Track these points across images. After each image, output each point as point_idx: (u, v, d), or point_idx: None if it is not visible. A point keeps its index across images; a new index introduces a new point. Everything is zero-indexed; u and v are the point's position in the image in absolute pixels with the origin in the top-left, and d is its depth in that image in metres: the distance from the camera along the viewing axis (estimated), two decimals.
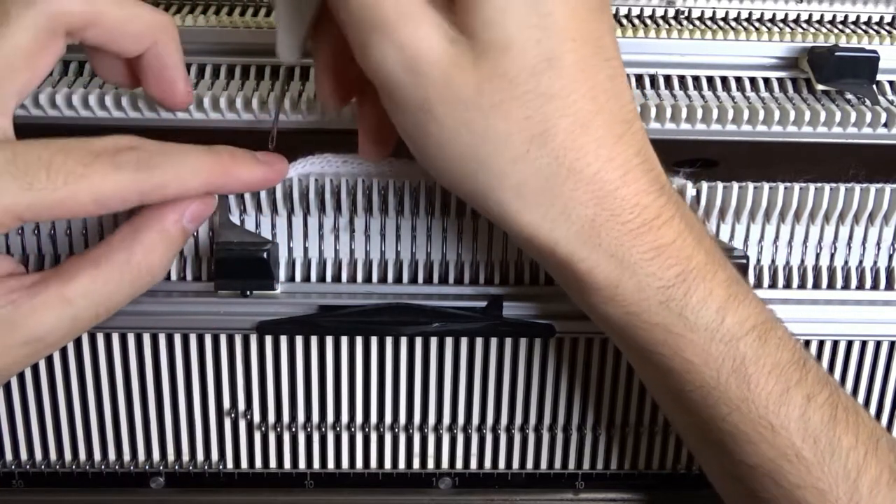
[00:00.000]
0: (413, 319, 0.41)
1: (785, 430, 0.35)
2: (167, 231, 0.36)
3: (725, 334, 0.35)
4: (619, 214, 0.33)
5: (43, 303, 0.33)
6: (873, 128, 0.42)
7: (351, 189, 0.40)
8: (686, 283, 0.34)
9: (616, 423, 0.46)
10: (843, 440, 0.36)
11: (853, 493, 0.36)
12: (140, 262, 0.35)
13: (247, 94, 0.41)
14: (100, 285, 0.34)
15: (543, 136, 0.32)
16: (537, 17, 0.31)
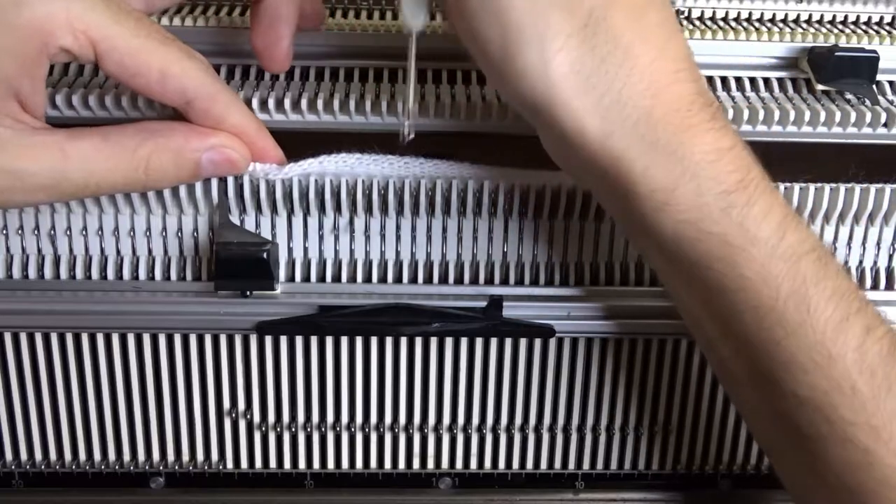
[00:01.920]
0: (413, 320, 0.41)
1: (842, 360, 0.33)
2: (183, 150, 0.36)
3: (786, 251, 0.33)
4: (677, 109, 0.32)
5: (42, 142, 0.34)
6: (873, 128, 0.42)
7: (351, 189, 0.40)
8: (748, 192, 0.32)
9: (616, 423, 0.46)
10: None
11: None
12: (143, 159, 0.35)
13: (247, 94, 0.41)
14: (100, 158, 0.34)
15: (603, 10, 0.31)
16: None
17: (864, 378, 0.33)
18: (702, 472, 0.47)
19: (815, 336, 0.33)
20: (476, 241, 0.42)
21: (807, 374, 0.34)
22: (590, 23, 0.31)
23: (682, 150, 0.32)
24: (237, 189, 0.40)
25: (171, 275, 0.42)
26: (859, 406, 0.34)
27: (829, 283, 0.33)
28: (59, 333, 0.42)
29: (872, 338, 0.34)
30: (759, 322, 0.34)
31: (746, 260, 0.33)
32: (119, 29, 0.33)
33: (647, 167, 0.32)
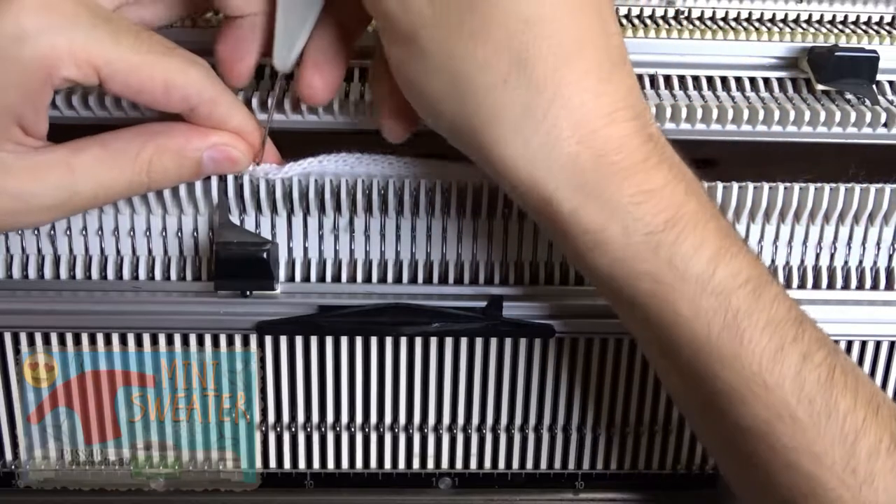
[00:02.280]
0: (413, 319, 0.41)
1: (779, 389, 0.34)
2: (184, 150, 0.36)
3: (717, 286, 0.33)
4: (604, 154, 0.32)
5: (47, 162, 0.34)
6: (873, 128, 0.42)
7: (351, 189, 0.40)
8: (676, 230, 0.33)
9: (616, 423, 0.46)
10: (840, 402, 0.34)
11: (850, 457, 0.34)
12: (145, 162, 0.35)
13: (247, 94, 0.41)
14: (105, 167, 0.35)
15: (524, 62, 0.31)
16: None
17: (802, 406, 0.34)
18: (702, 472, 0.47)
19: (750, 367, 0.34)
20: (476, 241, 0.42)
21: (746, 404, 0.34)
22: (511, 76, 0.31)
23: (608, 194, 0.32)
24: (237, 189, 0.40)
25: (171, 275, 0.42)
26: (800, 433, 0.34)
27: (762, 315, 0.34)
28: (59, 333, 0.42)
29: (810, 365, 0.34)
30: (696, 355, 0.34)
31: (677, 296, 0.33)
32: (120, 50, 0.33)
33: (575, 209, 0.33)
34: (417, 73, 0.33)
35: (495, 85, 0.31)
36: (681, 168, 0.34)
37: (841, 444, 0.34)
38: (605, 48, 0.32)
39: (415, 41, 0.32)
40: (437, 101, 0.33)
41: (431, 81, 0.32)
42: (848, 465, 0.34)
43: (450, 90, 0.32)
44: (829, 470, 0.34)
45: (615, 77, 0.32)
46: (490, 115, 0.32)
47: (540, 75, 0.31)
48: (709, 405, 0.36)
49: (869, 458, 0.34)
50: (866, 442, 0.34)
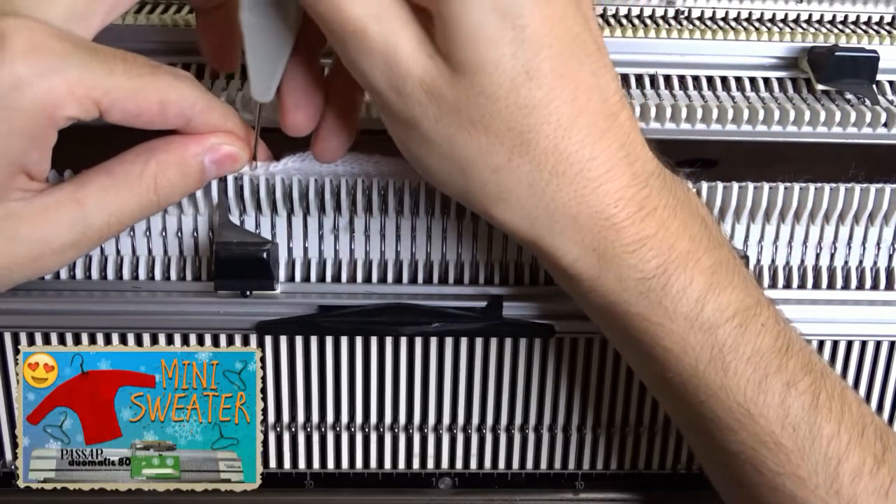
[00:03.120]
0: (413, 319, 0.41)
1: (763, 419, 0.35)
2: (185, 159, 0.36)
3: (704, 323, 0.35)
4: (601, 210, 0.33)
5: (56, 202, 0.34)
6: (873, 128, 0.42)
7: (351, 189, 0.40)
8: (666, 274, 0.34)
9: (616, 423, 0.46)
10: (824, 428, 0.35)
11: (833, 480, 0.35)
12: (151, 180, 0.35)
13: (246, 94, 0.41)
14: (112, 194, 0.35)
15: (525, 145, 0.32)
16: (511, 32, 0.30)
17: (786, 433, 0.35)
18: (702, 472, 0.47)
19: (735, 398, 0.35)
20: (476, 241, 0.42)
21: (732, 432, 0.36)
22: (513, 156, 0.32)
23: (605, 246, 0.34)
24: (237, 189, 0.40)
25: (171, 275, 0.42)
26: (784, 459, 0.36)
27: (748, 347, 0.35)
28: (58, 333, 0.42)
29: (794, 393, 0.35)
30: (684, 385, 0.36)
31: (666, 333, 0.35)
32: (115, 79, 0.33)
33: (574, 261, 0.34)
34: (420, 154, 0.34)
35: (499, 166, 0.33)
36: (675, 203, 0.35)
37: (824, 467, 0.35)
38: (602, 108, 0.33)
39: (416, 128, 0.33)
40: (443, 180, 0.34)
41: (435, 163, 0.34)
42: (831, 487, 0.35)
43: (453, 171, 0.33)
44: (812, 493, 0.36)
45: (610, 133, 0.33)
46: (495, 193, 0.33)
47: (541, 153, 0.32)
48: (700, 430, 0.37)
49: (852, 480, 0.35)
50: (849, 465, 0.35)
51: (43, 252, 0.34)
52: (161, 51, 0.43)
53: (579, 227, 0.34)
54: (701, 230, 0.35)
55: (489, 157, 0.32)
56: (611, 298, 0.35)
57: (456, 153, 0.33)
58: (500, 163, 0.32)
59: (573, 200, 0.33)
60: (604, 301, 0.35)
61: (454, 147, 0.32)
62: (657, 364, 0.36)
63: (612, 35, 0.45)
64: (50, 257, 0.35)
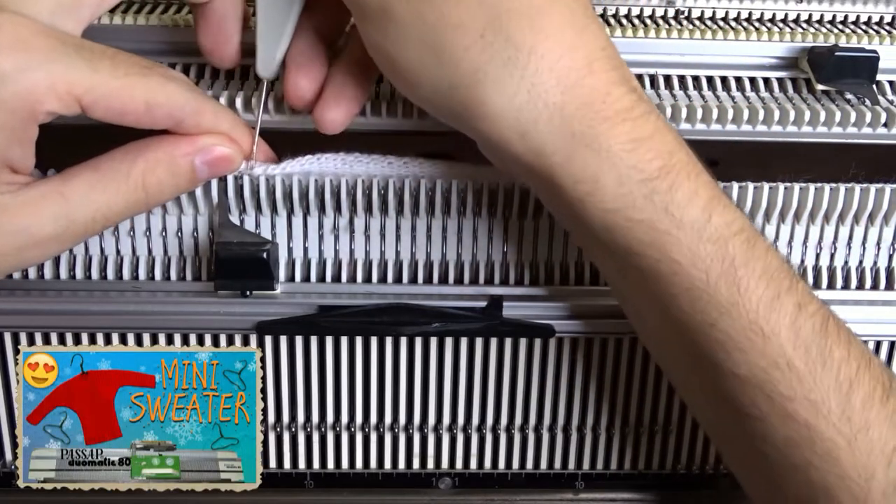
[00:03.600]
0: (413, 319, 0.41)
1: (776, 337, 0.34)
2: (175, 158, 0.36)
3: (713, 233, 0.33)
4: (590, 103, 0.32)
5: (41, 195, 0.34)
6: (873, 128, 0.42)
7: (351, 189, 0.40)
8: (670, 177, 0.33)
9: (616, 422, 0.46)
10: (834, 351, 0.34)
11: (845, 405, 0.34)
12: (138, 177, 0.35)
13: (247, 94, 0.41)
14: (98, 190, 0.35)
15: (498, 19, 0.32)
16: None
17: (798, 354, 0.34)
18: (702, 472, 0.47)
19: (748, 315, 0.34)
20: (476, 241, 0.42)
21: (743, 352, 0.34)
22: (486, 32, 0.32)
23: (599, 142, 0.33)
24: (237, 189, 0.40)
25: (171, 275, 0.42)
26: (796, 381, 0.34)
27: (758, 264, 0.34)
28: (59, 333, 0.42)
29: (805, 314, 0.34)
30: (692, 304, 0.34)
31: (674, 244, 0.33)
32: (98, 77, 0.33)
33: (565, 160, 0.33)
34: (393, 45, 0.33)
35: (473, 43, 0.32)
36: (666, 122, 0.34)
37: (836, 392, 0.34)
38: (575, 2, 0.33)
39: (386, 14, 0.32)
40: (416, 70, 0.33)
41: (408, 51, 0.33)
42: (843, 413, 0.34)
43: (427, 56, 0.33)
44: (825, 419, 0.34)
45: (588, 30, 0.33)
46: (470, 73, 0.32)
47: (516, 30, 0.32)
48: (705, 358, 0.36)
49: (863, 406, 0.34)
50: (861, 391, 0.34)
51: (26, 243, 0.34)
52: (160, 51, 0.43)
53: (568, 119, 0.32)
54: (690, 151, 0.35)
55: (461, 34, 0.32)
56: (611, 206, 0.33)
57: (428, 33, 0.32)
58: (472, 39, 0.32)
59: (556, 88, 0.32)
60: (602, 210, 0.33)
61: (426, 26, 0.32)
62: (663, 283, 0.34)
63: (612, 35, 0.45)
64: (33, 249, 0.34)
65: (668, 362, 0.40)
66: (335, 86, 0.38)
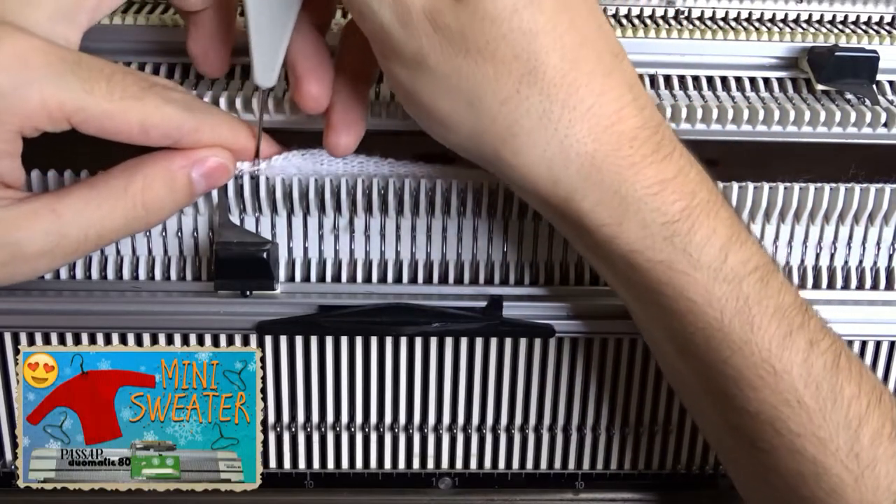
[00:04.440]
0: (413, 319, 0.41)
1: (787, 375, 0.35)
2: (171, 172, 0.36)
3: (728, 273, 0.34)
4: (618, 149, 0.33)
5: (32, 210, 0.34)
6: (873, 128, 0.42)
7: (351, 189, 0.40)
8: (690, 219, 0.34)
9: (616, 423, 0.46)
10: (845, 388, 0.35)
11: (854, 442, 0.35)
12: (136, 194, 0.35)
13: (247, 94, 0.41)
14: (92, 207, 0.34)
15: (532, 73, 0.32)
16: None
17: (809, 391, 0.35)
18: (702, 472, 0.47)
19: (760, 353, 0.35)
20: (476, 241, 0.42)
21: (755, 389, 0.35)
22: (521, 87, 0.32)
23: (626, 188, 0.33)
24: (237, 189, 0.40)
25: (171, 275, 0.42)
26: (806, 418, 0.35)
27: (771, 301, 0.35)
28: (59, 333, 0.42)
29: (816, 351, 0.35)
30: (707, 342, 0.35)
31: (691, 284, 0.34)
32: (92, 98, 0.33)
33: (594, 205, 0.34)
34: (427, 93, 0.33)
35: (509, 97, 0.32)
36: (689, 155, 0.35)
37: (845, 429, 0.35)
38: (603, 43, 0.33)
39: (421, 64, 0.32)
40: (448, 119, 0.33)
41: (441, 100, 0.33)
42: (852, 450, 0.35)
43: (461, 107, 0.33)
44: (832, 455, 0.35)
45: (616, 71, 0.33)
46: (506, 126, 0.33)
47: (550, 82, 0.32)
48: (716, 391, 0.36)
49: (872, 443, 0.35)
50: (869, 428, 0.35)
51: (14, 257, 0.34)
52: (155, 51, 0.43)
53: (598, 167, 0.33)
54: (715, 188, 0.35)
55: (497, 88, 0.32)
56: (633, 247, 0.34)
57: (463, 85, 0.32)
58: (508, 93, 0.32)
59: (588, 137, 0.33)
60: (625, 251, 0.34)
61: (461, 78, 0.32)
62: (678, 320, 0.35)
63: None
64: (21, 264, 0.34)
65: (682, 389, 0.41)
66: (341, 110, 0.38)
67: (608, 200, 0.33)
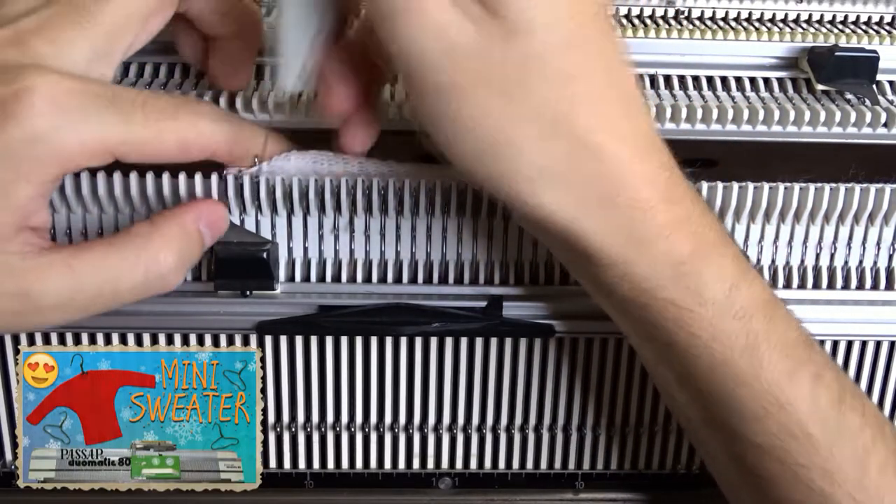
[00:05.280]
0: (413, 319, 0.41)
1: (793, 408, 0.35)
2: (186, 227, 0.36)
3: (739, 310, 0.34)
4: (636, 192, 0.33)
5: (49, 262, 0.34)
6: (873, 128, 0.42)
7: (351, 189, 0.40)
8: (699, 259, 0.34)
9: (616, 423, 0.46)
10: (851, 421, 0.35)
11: (862, 475, 0.35)
12: (155, 253, 0.35)
13: (247, 94, 0.41)
14: (109, 264, 0.34)
15: (564, 117, 0.32)
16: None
17: (815, 425, 0.35)
18: (701, 472, 0.47)
19: (766, 387, 0.35)
20: (476, 241, 0.42)
21: (759, 421, 0.35)
22: (556, 129, 0.32)
23: (640, 232, 0.33)
24: (237, 189, 0.40)
25: None
26: (813, 451, 0.35)
27: (778, 337, 0.35)
28: (59, 333, 0.42)
29: (822, 385, 0.35)
30: (711, 376, 0.35)
31: (695, 320, 0.35)
32: (131, 129, 0.33)
33: (607, 246, 0.34)
34: (456, 125, 0.33)
35: (540, 139, 0.32)
36: (693, 192, 0.35)
37: (852, 461, 0.35)
38: (628, 86, 0.34)
39: (459, 94, 0.32)
40: (472, 158, 0.33)
41: (467, 139, 0.33)
42: (860, 482, 0.35)
43: (486, 147, 0.33)
44: (840, 487, 0.35)
45: (637, 113, 0.34)
46: (529, 170, 0.33)
47: (580, 130, 0.32)
48: (721, 422, 0.37)
49: (879, 474, 0.35)
50: (876, 459, 0.35)
51: (25, 308, 0.34)
52: (160, 51, 0.43)
53: (616, 209, 0.33)
54: (719, 222, 0.36)
55: (526, 129, 0.32)
56: (643, 286, 0.34)
57: (491, 124, 0.32)
58: (543, 134, 0.32)
59: (609, 181, 0.33)
60: (634, 289, 0.35)
61: (498, 114, 0.32)
62: (681, 353, 0.35)
63: None
64: (34, 315, 0.34)
65: (684, 419, 0.41)
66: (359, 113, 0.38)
67: (622, 241, 0.34)
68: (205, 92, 0.42)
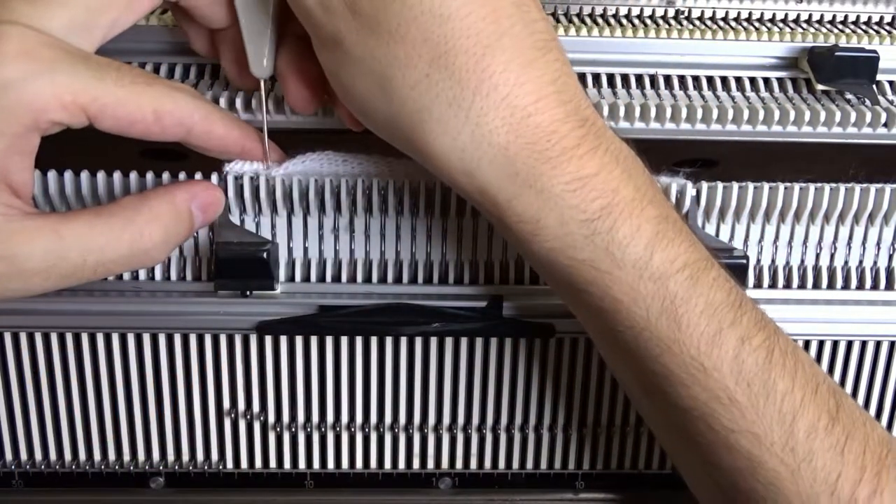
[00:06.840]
0: (413, 319, 0.41)
1: (717, 372, 0.34)
2: (176, 205, 0.36)
3: (654, 272, 0.34)
4: (534, 142, 0.32)
5: (35, 227, 0.33)
6: (873, 128, 0.42)
7: (351, 189, 0.40)
8: (612, 217, 0.33)
9: (616, 423, 0.46)
10: (778, 383, 0.35)
11: (788, 437, 0.35)
12: (142, 227, 0.35)
13: (247, 95, 0.41)
14: (95, 233, 0.34)
15: (443, 57, 0.32)
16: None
17: (740, 388, 0.34)
18: None
19: (689, 351, 0.34)
20: (476, 241, 0.42)
21: (685, 387, 0.35)
22: (431, 71, 0.32)
23: (542, 183, 0.33)
24: (237, 189, 0.40)
25: (171, 275, 0.42)
26: (738, 415, 0.35)
27: (700, 300, 0.34)
28: (59, 333, 0.42)
29: (748, 348, 0.35)
30: (635, 340, 0.35)
31: (615, 283, 0.34)
32: (105, 85, 0.33)
33: (509, 200, 0.33)
34: (345, 74, 0.34)
35: (418, 81, 0.32)
36: (618, 151, 0.34)
37: (779, 424, 0.35)
38: (526, 36, 0.33)
39: (340, 45, 0.33)
40: (367, 102, 0.34)
41: (359, 83, 0.33)
42: (787, 444, 0.35)
43: (377, 90, 0.33)
44: (768, 450, 0.35)
45: (538, 64, 0.33)
46: (416, 111, 0.32)
47: (461, 68, 0.32)
48: (651, 388, 0.36)
49: (807, 437, 0.35)
50: (804, 421, 0.35)
51: (9, 270, 0.33)
52: (160, 51, 0.43)
53: (511, 159, 0.32)
54: (647, 184, 0.35)
55: (407, 71, 0.32)
56: (554, 244, 0.34)
57: (376, 67, 0.32)
58: (418, 77, 0.32)
59: (501, 128, 0.32)
60: (546, 248, 0.34)
61: (374, 60, 0.32)
62: (607, 318, 0.35)
63: (612, 35, 0.45)
64: (16, 278, 0.34)
65: (624, 386, 0.41)
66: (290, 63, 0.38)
67: (524, 195, 0.33)
68: (205, 92, 0.42)
